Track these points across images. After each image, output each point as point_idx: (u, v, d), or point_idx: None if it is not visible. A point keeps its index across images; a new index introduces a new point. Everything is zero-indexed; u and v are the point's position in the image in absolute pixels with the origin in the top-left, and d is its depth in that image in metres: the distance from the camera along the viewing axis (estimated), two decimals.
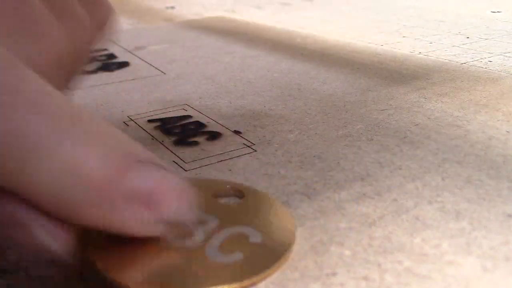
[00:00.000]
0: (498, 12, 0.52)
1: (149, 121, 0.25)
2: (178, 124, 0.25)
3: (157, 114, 0.26)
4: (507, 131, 0.23)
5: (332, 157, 0.21)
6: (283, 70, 0.33)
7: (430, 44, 0.40)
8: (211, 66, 0.35)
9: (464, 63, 0.34)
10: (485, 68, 0.32)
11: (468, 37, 0.41)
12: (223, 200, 0.16)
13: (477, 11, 0.52)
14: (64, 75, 0.16)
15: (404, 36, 0.42)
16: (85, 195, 0.12)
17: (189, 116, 0.26)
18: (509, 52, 0.36)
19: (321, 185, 0.18)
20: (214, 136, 0.23)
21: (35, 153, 0.11)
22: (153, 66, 0.36)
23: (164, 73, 0.34)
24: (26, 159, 0.11)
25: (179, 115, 0.26)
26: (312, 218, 0.16)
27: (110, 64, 0.36)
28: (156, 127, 0.25)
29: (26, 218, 0.12)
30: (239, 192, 0.17)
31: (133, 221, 0.13)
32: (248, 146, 0.22)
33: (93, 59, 0.35)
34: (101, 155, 0.12)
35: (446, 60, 0.35)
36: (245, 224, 0.15)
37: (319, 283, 0.13)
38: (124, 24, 0.51)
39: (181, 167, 0.20)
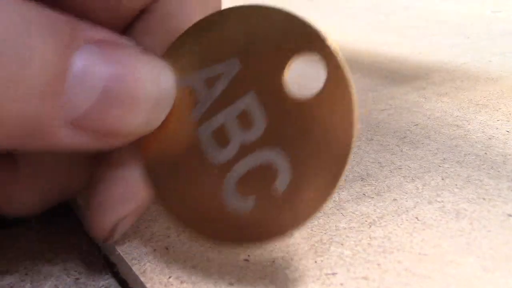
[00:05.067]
0: (498, 12, 0.52)
1: None
2: None
3: None
4: (507, 131, 0.23)
5: None
6: None
7: (430, 44, 0.40)
8: None
9: (464, 63, 0.34)
10: (485, 68, 0.32)
11: (468, 37, 0.41)
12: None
13: (477, 11, 0.52)
14: None
15: (404, 36, 0.42)
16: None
17: None
18: (509, 52, 0.36)
19: None
20: None
21: None
22: None
23: None
24: None
25: None
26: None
27: None
28: None
29: None
30: None
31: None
32: None
33: None
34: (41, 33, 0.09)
35: (446, 60, 0.35)
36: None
37: (319, 283, 0.13)
38: None
39: None
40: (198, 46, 0.12)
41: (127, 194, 0.12)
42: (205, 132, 0.12)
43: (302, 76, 0.17)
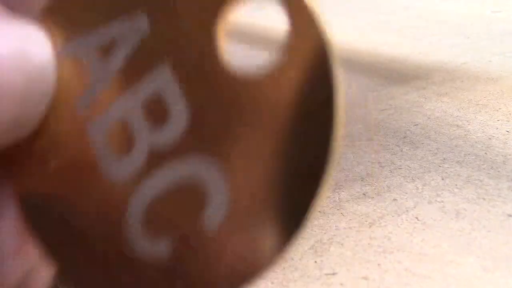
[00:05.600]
0: (498, 12, 0.52)
1: None
2: None
3: None
4: (507, 131, 0.23)
5: None
6: None
7: (430, 44, 0.40)
8: None
9: (464, 63, 0.34)
10: (485, 68, 0.32)
11: (468, 37, 0.41)
12: None
13: (477, 11, 0.52)
14: None
15: (404, 36, 0.42)
16: None
17: None
18: (509, 52, 0.36)
19: None
20: None
21: None
22: None
23: None
24: None
25: None
26: (312, 218, 0.16)
27: None
28: None
29: None
30: None
31: None
32: None
33: None
34: None
35: (446, 60, 0.35)
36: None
37: (319, 283, 0.13)
38: None
39: None
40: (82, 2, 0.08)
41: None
42: (99, 129, 0.08)
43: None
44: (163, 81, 0.07)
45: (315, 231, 0.15)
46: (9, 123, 0.07)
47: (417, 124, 0.24)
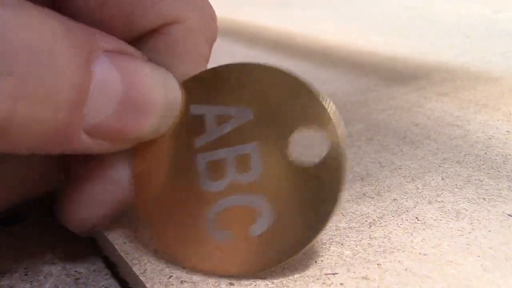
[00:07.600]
0: (498, 12, 0.52)
1: None
2: None
3: None
4: (507, 131, 0.23)
5: None
6: None
7: (430, 44, 0.40)
8: (210, 66, 0.35)
9: (464, 63, 0.34)
10: (485, 68, 0.32)
11: (468, 37, 0.41)
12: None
13: (477, 11, 0.52)
14: None
15: (404, 36, 0.42)
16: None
17: None
18: (509, 52, 0.36)
19: None
20: None
21: None
22: None
23: None
24: None
25: None
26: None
27: None
28: None
29: None
30: None
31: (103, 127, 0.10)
32: None
33: None
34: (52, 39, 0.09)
35: (446, 60, 0.35)
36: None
37: (319, 283, 0.13)
38: None
39: None
40: (215, 86, 0.13)
41: (115, 194, 0.13)
42: (203, 160, 0.12)
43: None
44: (252, 150, 0.12)
45: None
46: (153, 128, 0.11)
47: (417, 124, 0.24)
